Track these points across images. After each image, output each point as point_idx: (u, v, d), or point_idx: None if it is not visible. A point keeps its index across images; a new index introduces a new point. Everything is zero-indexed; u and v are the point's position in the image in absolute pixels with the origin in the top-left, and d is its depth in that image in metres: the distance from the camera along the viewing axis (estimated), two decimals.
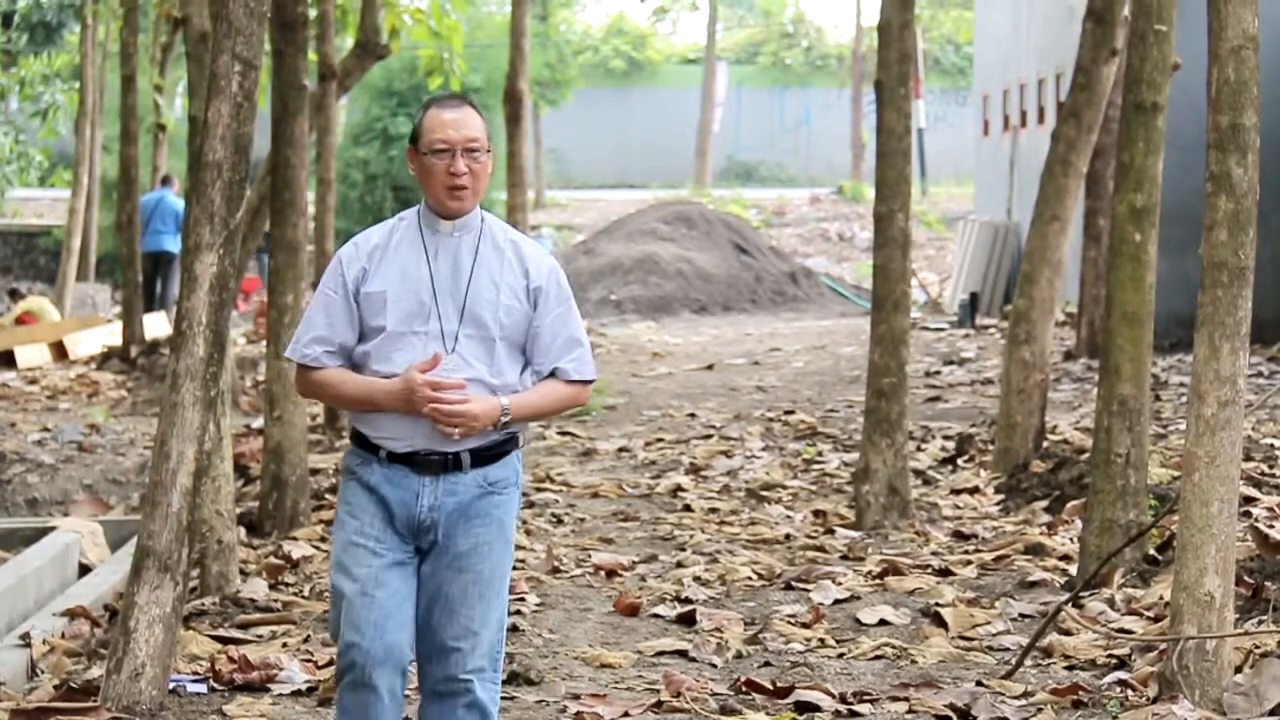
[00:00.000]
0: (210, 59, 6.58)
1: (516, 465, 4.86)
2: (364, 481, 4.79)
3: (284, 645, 7.31)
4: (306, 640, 7.40)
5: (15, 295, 24.32)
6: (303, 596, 8.33)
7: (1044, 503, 10.22)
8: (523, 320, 4.76)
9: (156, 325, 20.61)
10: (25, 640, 7.42)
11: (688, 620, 7.91)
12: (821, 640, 7.57)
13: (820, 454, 12.68)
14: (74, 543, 9.54)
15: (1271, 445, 11.25)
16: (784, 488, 11.40)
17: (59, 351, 20.04)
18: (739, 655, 7.34)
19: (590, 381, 4.87)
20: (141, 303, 19.80)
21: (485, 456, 4.77)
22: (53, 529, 9.86)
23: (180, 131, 21.98)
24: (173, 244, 22.06)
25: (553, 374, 4.81)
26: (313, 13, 12.14)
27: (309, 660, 7.00)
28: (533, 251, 4.82)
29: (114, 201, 22.39)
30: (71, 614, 7.96)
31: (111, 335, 20.42)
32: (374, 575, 4.73)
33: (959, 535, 9.80)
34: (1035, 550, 9.12)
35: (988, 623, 7.72)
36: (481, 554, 4.77)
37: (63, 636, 7.68)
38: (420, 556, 4.79)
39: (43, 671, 7.19)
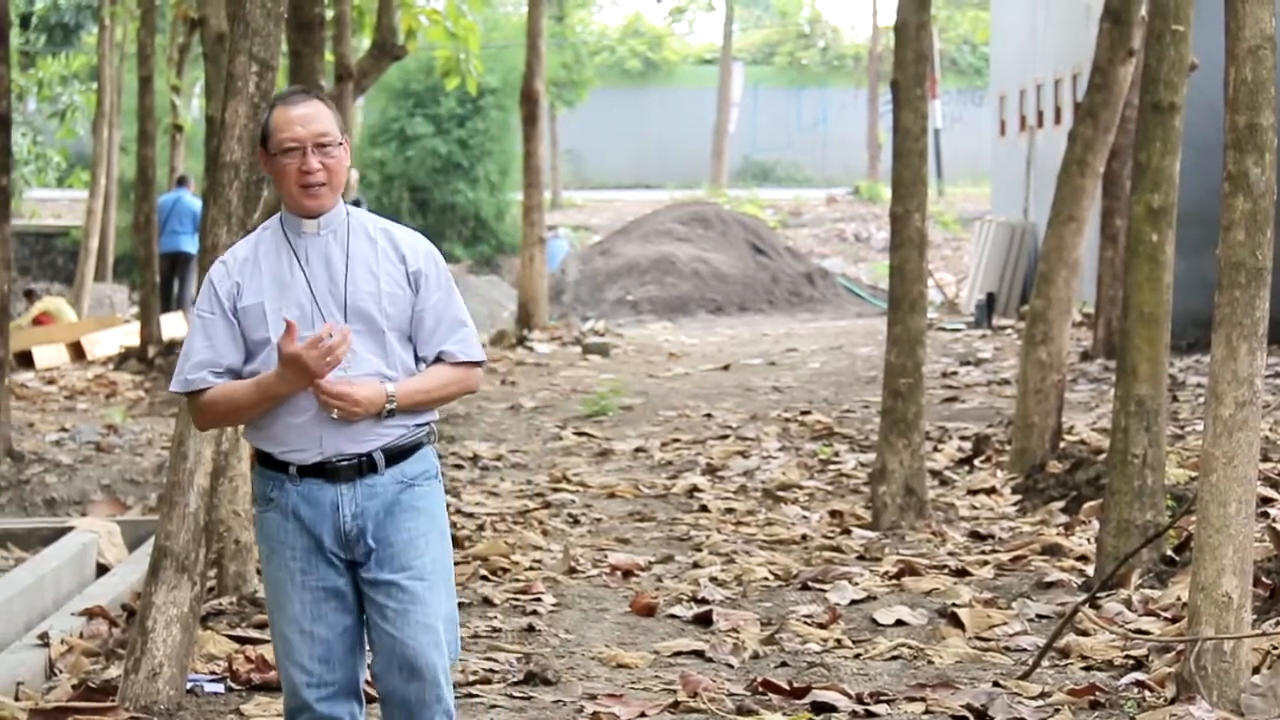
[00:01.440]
0: (227, 60, 6.60)
1: (433, 459, 4.70)
2: (281, 508, 4.60)
3: None
4: None
5: (31, 296, 24.37)
6: None
7: (1061, 503, 10.21)
8: (406, 307, 4.61)
9: (174, 325, 20.64)
10: (44, 640, 7.44)
11: (704, 620, 7.91)
12: (838, 641, 7.57)
13: (837, 454, 12.67)
14: (92, 543, 9.56)
15: None
16: (800, 488, 11.40)
17: (77, 352, 20.07)
18: (755, 655, 7.34)
19: (480, 363, 4.71)
20: (159, 303, 19.83)
21: (398, 453, 4.61)
22: (71, 529, 9.88)
23: (197, 132, 22.05)
24: (190, 244, 22.09)
25: (439, 359, 4.65)
26: (329, 14, 12.16)
27: None
28: (406, 237, 4.68)
29: (131, 202, 22.43)
30: (89, 614, 7.98)
31: (129, 336, 20.45)
32: (309, 607, 4.59)
33: (976, 536, 9.79)
34: (1052, 551, 9.11)
35: (1005, 623, 7.71)
36: (419, 548, 4.61)
37: (81, 636, 7.69)
38: (356, 569, 4.62)
39: (61, 671, 7.20)
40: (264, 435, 4.62)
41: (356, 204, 4.19)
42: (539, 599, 8.29)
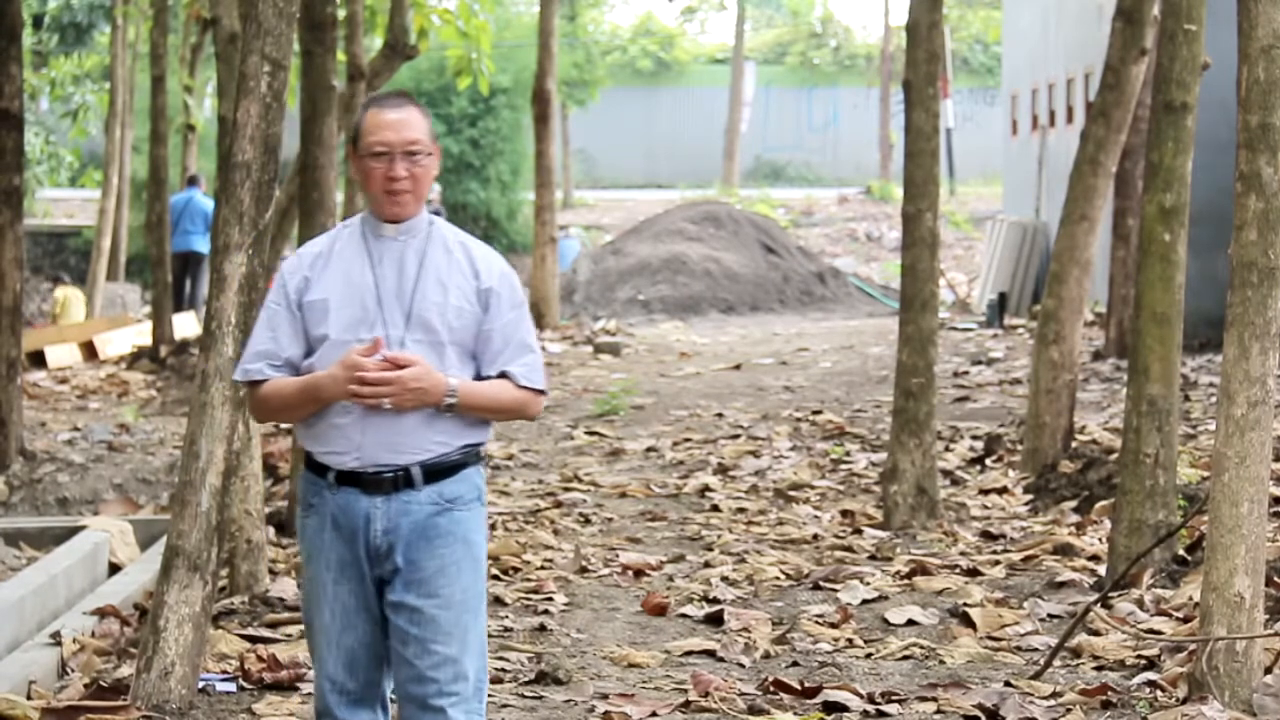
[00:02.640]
0: (239, 60, 6.60)
1: (477, 481, 4.60)
2: (320, 513, 4.56)
3: None
4: None
5: (59, 283, 24.62)
6: None
7: (1073, 503, 10.20)
8: (473, 323, 4.54)
9: (186, 325, 20.67)
10: (56, 639, 7.45)
11: (715, 620, 7.91)
12: (849, 640, 7.57)
13: (848, 454, 12.66)
14: (104, 542, 9.57)
15: None
16: (812, 488, 11.40)
17: (89, 351, 20.10)
18: (767, 655, 7.34)
19: (542, 392, 4.62)
20: (171, 303, 19.86)
21: (438, 472, 4.51)
22: (83, 528, 9.89)
23: (210, 132, 22.08)
24: (202, 244, 22.12)
25: (502, 376, 4.58)
26: (341, 13, 12.17)
27: None
28: (484, 253, 4.62)
29: (144, 202, 22.47)
30: (101, 613, 7.99)
31: (141, 335, 20.49)
32: (339, 617, 4.54)
33: (987, 535, 9.78)
34: (1064, 550, 9.11)
35: (1016, 623, 7.71)
36: (449, 575, 4.50)
37: (93, 635, 7.71)
38: (384, 585, 4.54)
39: (73, 670, 7.21)
40: (309, 433, 4.59)
41: (437, 214, 4.17)
42: (550, 598, 8.30)
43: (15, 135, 11.74)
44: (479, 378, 4.56)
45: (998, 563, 9.01)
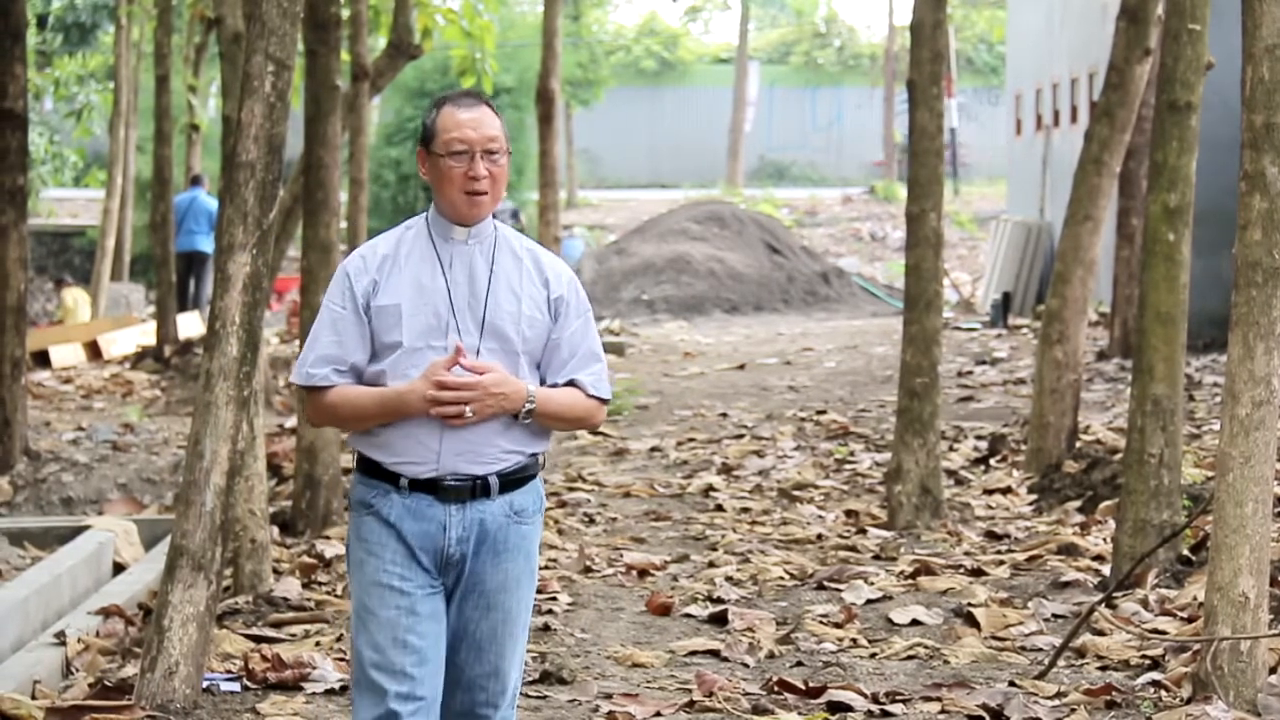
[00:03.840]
0: (244, 59, 6.60)
1: (541, 491, 4.53)
2: (382, 516, 4.41)
3: (317, 644, 7.33)
4: (339, 639, 7.41)
5: (61, 285, 24.62)
6: (335, 595, 8.34)
7: (1077, 503, 10.20)
8: (544, 333, 4.44)
9: (190, 325, 20.68)
10: (60, 638, 7.45)
11: (720, 620, 7.91)
12: (854, 640, 7.56)
13: (852, 454, 12.66)
14: (108, 541, 9.58)
15: None
16: (816, 487, 11.39)
17: (93, 351, 20.12)
18: (771, 655, 7.34)
19: (606, 401, 4.53)
20: (175, 302, 19.88)
21: (512, 481, 4.43)
22: (87, 528, 9.89)
23: (214, 132, 22.08)
24: (207, 244, 22.13)
25: (569, 384, 4.48)
26: (346, 13, 12.17)
27: (342, 659, 7.02)
28: (551, 261, 4.51)
29: (148, 201, 22.47)
30: (106, 612, 7.99)
31: (146, 335, 20.50)
32: (406, 617, 4.38)
33: (991, 535, 9.78)
34: (1068, 550, 9.10)
35: (1020, 623, 7.71)
36: (510, 590, 4.45)
37: (97, 635, 7.71)
38: (446, 591, 4.45)
39: (77, 670, 7.22)
40: (375, 442, 4.42)
41: (515, 215, 4.11)
42: (555, 598, 8.30)
43: (19, 135, 11.74)
44: (543, 385, 4.46)
45: (1002, 563, 9.00)
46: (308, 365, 4.44)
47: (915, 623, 7.89)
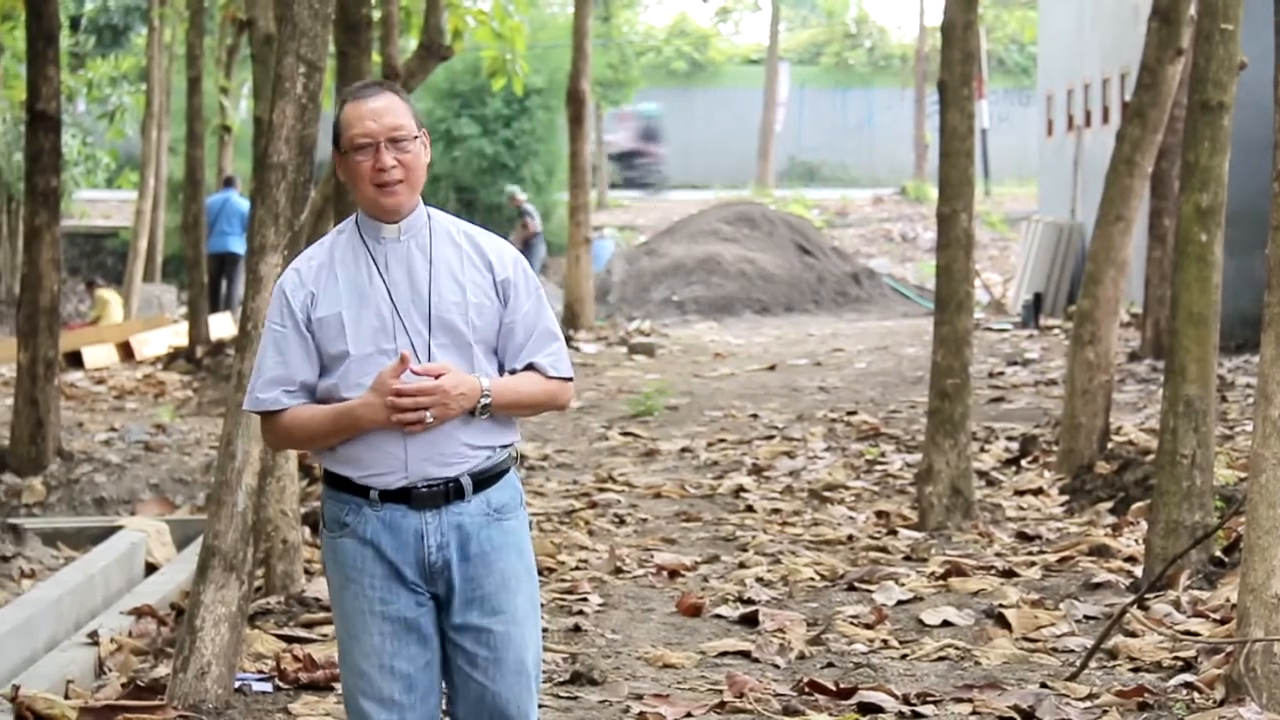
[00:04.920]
0: (275, 61, 6.62)
1: (517, 485, 4.38)
2: (358, 535, 4.26)
3: None
4: None
5: (92, 287, 24.71)
6: None
7: (1109, 504, 10.17)
8: (494, 318, 4.29)
9: (222, 326, 20.74)
10: (93, 639, 7.48)
11: (750, 621, 7.91)
12: (884, 641, 7.55)
13: (883, 455, 12.65)
14: (140, 542, 9.62)
15: None
16: (846, 488, 11.38)
17: (125, 352, 20.20)
18: (802, 656, 7.33)
19: (569, 379, 4.38)
20: (207, 303, 19.95)
21: (485, 479, 4.28)
22: (120, 528, 9.94)
23: (245, 133, 22.13)
24: (238, 245, 22.21)
25: (528, 369, 4.33)
26: (377, 14, 12.20)
27: None
28: (492, 243, 4.35)
29: (180, 203, 22.55)
30: (138, 613, 8.02)
31: (177, 336, 20.57)
32: (391, 642, 4.25)
33: (1023, 536, 9.76)
34: (1100, 552, 9.08)
35: (1052, 624, 7.69)
36: (510, 589, 4.29)
37: (130, 635, 7.74)
38: (438, 603, 4.29)
39: (110, 670, 7.24)
40: (339, 458, 4.29)
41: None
42: (585, 599, 8.30)
43: (53, 137, 11.80)
44: (502, 373, 4.33)
45: (1033, 564, 8.98)
46: (256, 391, 4.29)
47: (946, 624, 7.88)
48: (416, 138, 4.27)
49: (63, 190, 12.98)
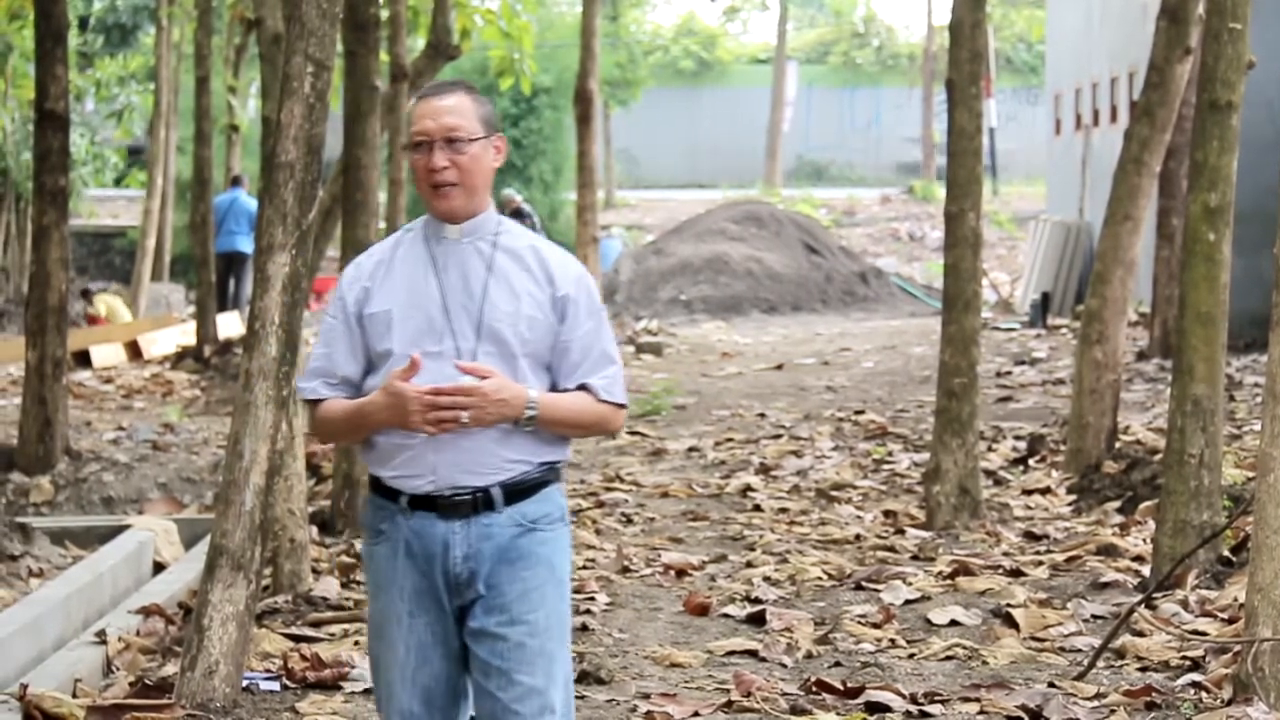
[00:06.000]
0: (283, 60, 6.63)
1: (560, 501, 4.27)
2: (391, 540, 4.21)
3: (356, 643, 7.35)
4: None
5: (88, 295, 24.61)
6: None
7: (1116, 503, 10.17)
8: (547, 334, 4.18)
9: (230, 325, 20.76)
10: (101, 637, 7.49)
11: (758, 620, 7.91)
12: (892, 641, 7.55)
13: (890, 454, 12.64)
14: (148, 541, 9.62)
15: None
16: (854, 488, 11.38)
17: (134, 351, 20.21)
18: (809, 655, 7.33)
19: (623, 406, 4.28)
20: (215, 302, 19.96)
21: (519, 492, 4.18)
22: (128, 527, 9.95)
23: (253, 132, 22.19)
24: (247, 244, 22.22)
25: (581, 389, 4.23)
26: (385, 14, 12.21)
27: None
28: (558, 257, 4.25)
29: (188, 202, 22.57)
30: (146, 612, 8.03)
31: (186, 335, 20.60)
32: (414, 651, 4.19)
33: (1030, 536, 9.75)
34: (1108, 551, 9.07)
35: (1060, 624, 7.68)
36: (533, 601, 4.18)
37: (138, 634, 7.74)
38: (464, 614, 4.21)
39: (118, 668, 7.25)
40: (374, 455, 4.23)
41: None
42: (592, 598, 8.30)
43: (61, 136, 11.81)
44: (554, 391, 4.22)
45: (1041, 563, 8.98)
46: (302, 379, 4.30)
47: (954, 623, 7.88)
48: (477, 140, 4.18)
49: (71, 189, 12.99)
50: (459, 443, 4.13)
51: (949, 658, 7.29)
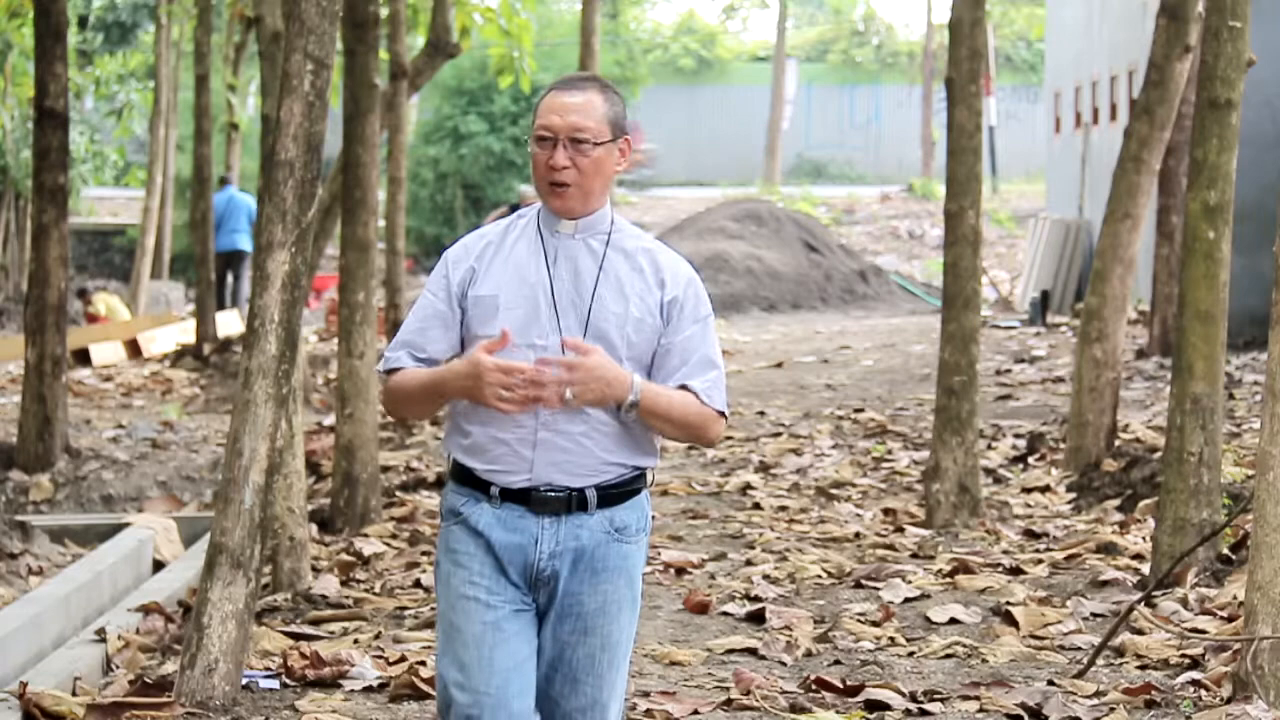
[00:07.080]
0: (283, 58, 6.63)
1: (646, 509, 4.23)
2: (471, 526, 4.14)
3: (355, 641, 7.36)
4: (378, 637, 7.44)
5: (85, 295, 24.60)
6: (374, 593, 8.37)
7: (1116, 501, 10.17)
8: (652, 336, 4.14)
9: (229, 323, 20.76)
10: (101, 636, 7.49)
11: (757, 618, 7.91)
12: (892, 639, 7.55)
13: (890, 452, 12.64)
14: (148, 539, 9.62)
15: None
16: (854, 486, 11.38)
17: (133, 349, 20.21)
18: (809, 653, 7.33)
19: (723, 414, 4.18)
20: (214, 300, 19.96)
21: (613, 496, 4.14)
22: (127, 525, 9.95)
23: (253, 130, 22.19)
24: (246, 242, 22.23)
25: (682, 389, 4.15)
26: (384, 12, 12.21)
27: (380, 656, 7.04)
28: (669, 260, 4.19)
29: (188, 200, 22.57)
30: (146, 610, 8.03)
31: (185, 333, 20.60)
32: (490, 632, 4.10)
33: (1030, 534, 9.76)
34: (1107, 549, 9.08)
35: (1059, 622, 7.69)
36: (610, 614, 4.15)
37: (137, 632, 7.75)
38: (538, 611, 4.17)
39: (118, 667, 7.25)
40: (467, 447, 4.16)
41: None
42: None
43: (61, 134, 11.81)
44: None
45: (1040, 561, 8.98)
46: (388, 349, 4.21)
47: (953, 621, 7.88)
48: (602, 143, 4.11)
49: (70, 187, 12.98)
50: (558, 441, 4.10)
51: (948, 656, 7.29)
